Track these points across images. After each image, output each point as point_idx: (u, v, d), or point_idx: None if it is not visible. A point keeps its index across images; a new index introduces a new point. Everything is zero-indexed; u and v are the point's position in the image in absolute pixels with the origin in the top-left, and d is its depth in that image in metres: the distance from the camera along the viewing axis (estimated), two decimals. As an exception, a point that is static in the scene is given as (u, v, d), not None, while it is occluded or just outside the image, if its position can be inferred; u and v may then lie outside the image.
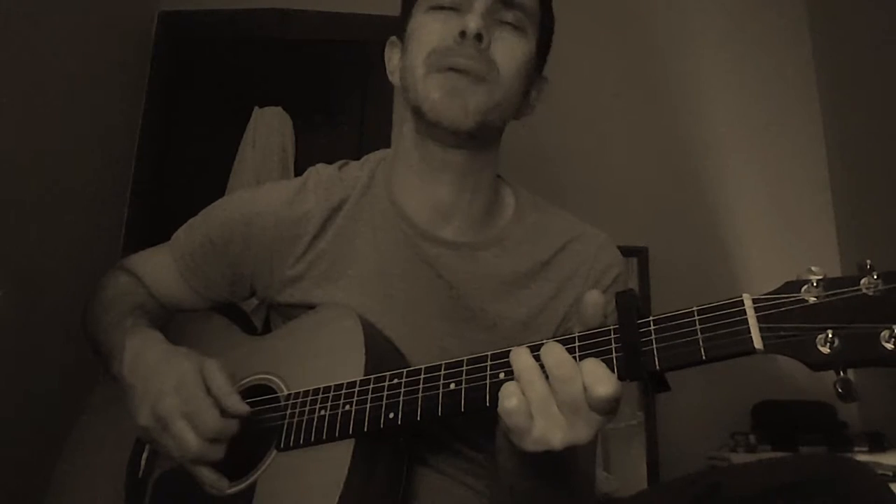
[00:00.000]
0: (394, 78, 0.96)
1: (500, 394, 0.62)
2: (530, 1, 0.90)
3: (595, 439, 0.67)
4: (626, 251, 2.36)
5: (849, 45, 2.36)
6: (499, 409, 0.62)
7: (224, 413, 0.78)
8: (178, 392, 0.78)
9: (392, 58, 0.97)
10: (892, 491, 0.64)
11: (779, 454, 1.89)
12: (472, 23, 0.83)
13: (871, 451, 1.87)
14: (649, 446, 2.19)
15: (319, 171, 0.99)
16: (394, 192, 0.95)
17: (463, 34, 0.84)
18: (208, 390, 0.79)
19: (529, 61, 0.90)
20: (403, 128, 0.96)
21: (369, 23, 2.41)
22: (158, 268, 1.03)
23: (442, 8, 0.87)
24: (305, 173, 1.00)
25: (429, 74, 0.85)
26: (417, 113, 0.88)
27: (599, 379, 0.59)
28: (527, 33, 0.89)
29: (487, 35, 0.85)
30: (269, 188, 1.00)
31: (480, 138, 0.89)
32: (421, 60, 0.86)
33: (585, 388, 0.59)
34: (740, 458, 1.90)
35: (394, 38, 0.97)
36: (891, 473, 1.53)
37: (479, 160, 0.92)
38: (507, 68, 0.87)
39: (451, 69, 0.84)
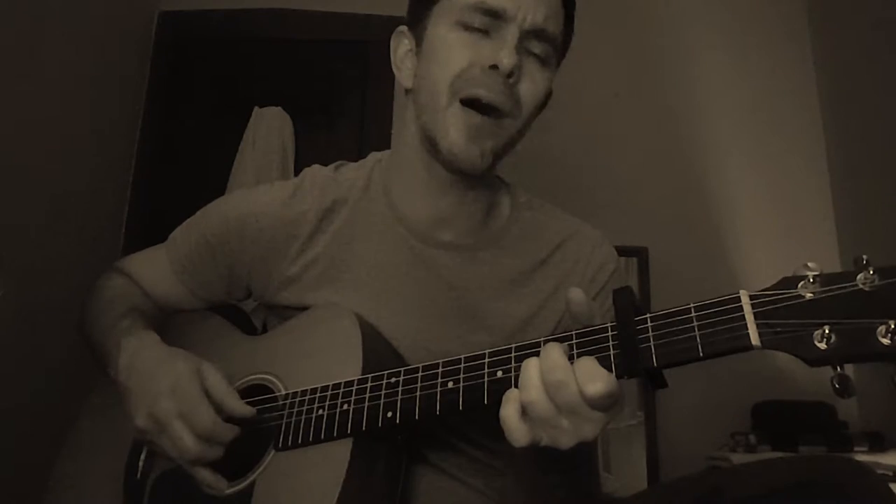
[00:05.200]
0: (400, 74, 0.92)
1: (505, 430, 0.61)
2: (559, 33, 0.87)
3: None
4: (626, 251, 2.39)
5: (849, 45, 2.36)
6: (509, 441, 0.62)
7: (225, 415, 0.78)
8: (174, 393, 0.78)
9: (399, 48, 0.93)
10: (892, 491, 0.64)
11: (779, 454, 1.89)
12: (506, 59, 0.79)
13: (871, 451, 1.86)
14: (649, 446, 2.19)
15: (315, 172, 0.99)
16: (392, 194, 0.94)
17: (494, 67, 0.80)
18: (206, 392, 0.79)
19: (547, 91, 0.89)
20: (405, 133, 0.93)
21: (369, 23, 2.41)
22: (154, 269, 1.03)
23: (470, 28, 0.83)
24: (301, 174, 0.99)
25: (451, 104, 0.82)
26: (431, 143, 0.86)
27: (591, 377, 0.58)
28: (551, 65, 0.87)
29: (518, 72, 0.82)
30: (264, 189, 1.00)
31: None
32: (446, 85, 0.82)
33: (580, 389, 0.59)
34: (740, 458, 1.89)
35: (403, 27, 0.93)
36: (891, 473, 1.53)
37: (482, 178, 0.92)
38: (528, 105, 0.85)
39: (475, 101, 0.81)
